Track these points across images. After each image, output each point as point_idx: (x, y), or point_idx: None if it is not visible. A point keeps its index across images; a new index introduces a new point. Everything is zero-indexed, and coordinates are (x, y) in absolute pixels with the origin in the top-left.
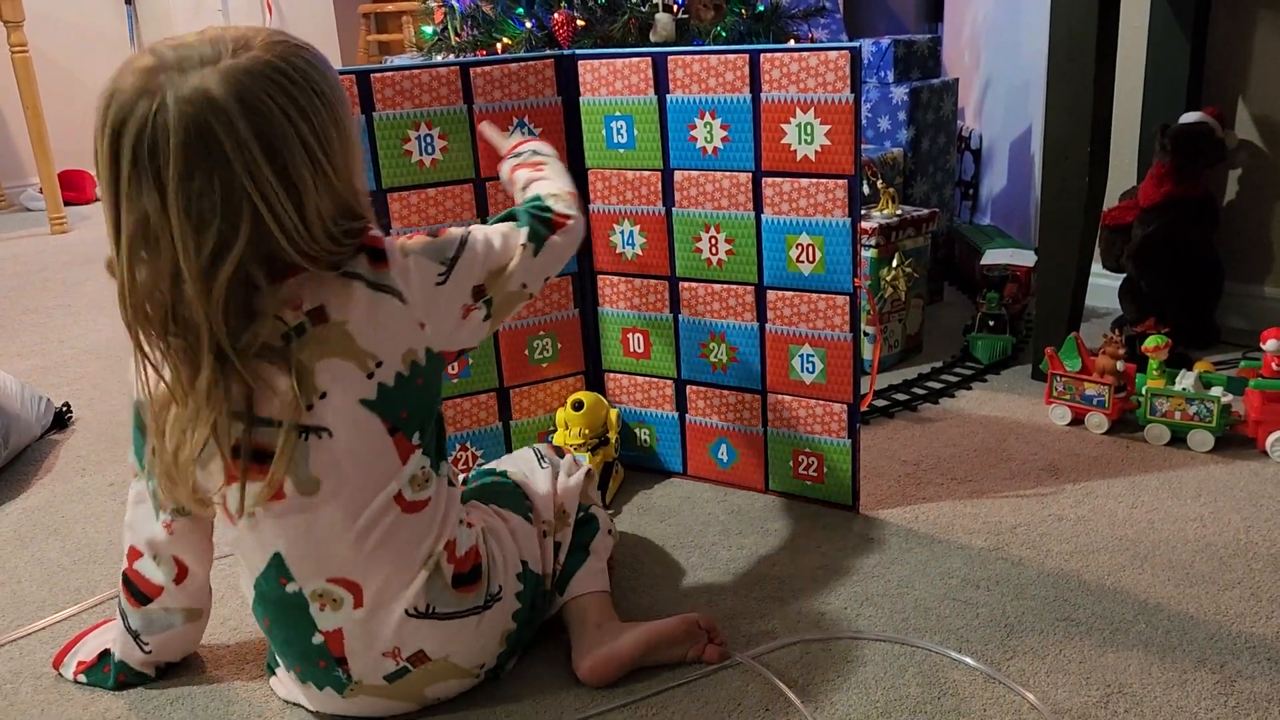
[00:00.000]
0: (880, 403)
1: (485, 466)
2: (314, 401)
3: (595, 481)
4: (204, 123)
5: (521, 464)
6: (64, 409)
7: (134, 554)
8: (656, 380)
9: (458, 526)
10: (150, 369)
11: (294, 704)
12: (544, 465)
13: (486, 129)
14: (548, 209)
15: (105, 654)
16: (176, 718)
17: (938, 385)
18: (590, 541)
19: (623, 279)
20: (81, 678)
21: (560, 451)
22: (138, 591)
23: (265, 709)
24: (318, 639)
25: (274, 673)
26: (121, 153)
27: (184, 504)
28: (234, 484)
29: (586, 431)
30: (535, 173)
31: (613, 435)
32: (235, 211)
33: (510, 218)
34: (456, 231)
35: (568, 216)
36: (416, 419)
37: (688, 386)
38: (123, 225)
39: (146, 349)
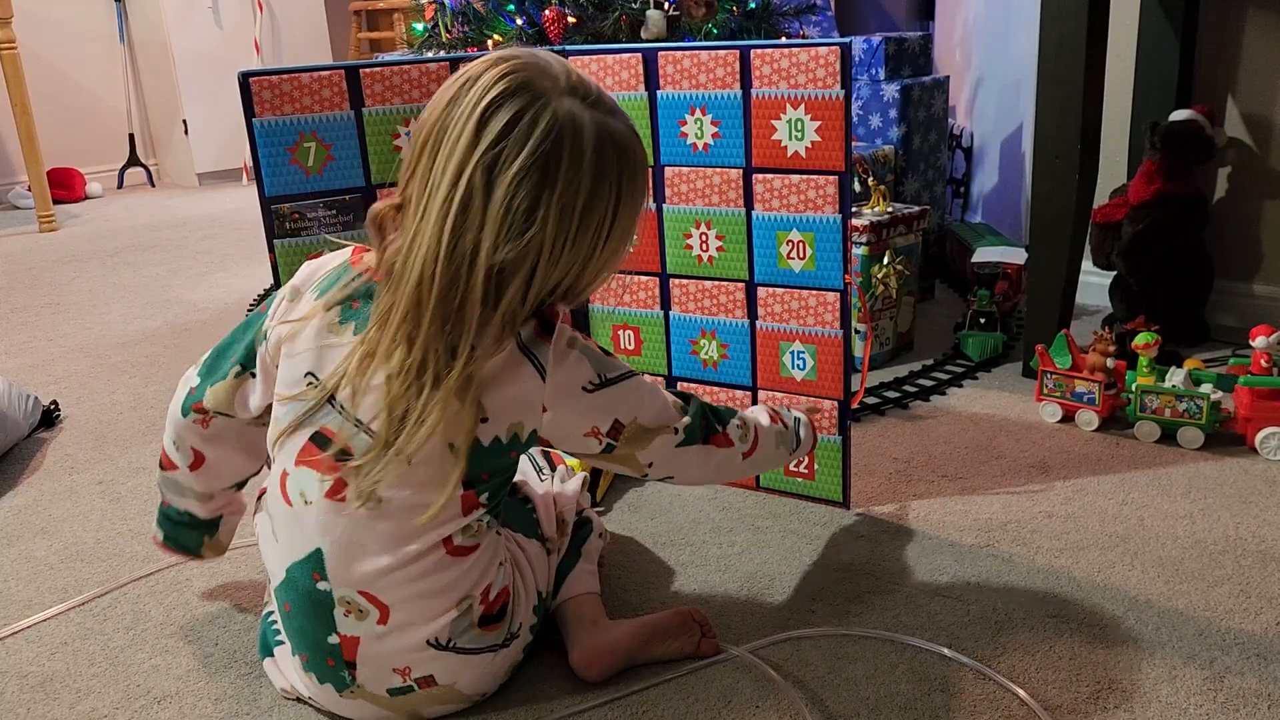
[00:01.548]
0: (871, 400)
1: None
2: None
3: (586, 487)
4: (560, 144)
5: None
6: (52, 407)
7: (167, 428)
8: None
9: (497, 569)
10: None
11: (288, 698)
12: (543, 477)
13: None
14: (723, 423)
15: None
16: (164, 717)
17: (928, 383)
18: (582, 545)
19: (616, 278)
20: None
21: (552, 463)
22: (161, 460)
23: (254, 707)
24: (333, 639)
25: (271, 655)
26: (482, 136)
27: (230, 411)
28: (303, 466)
29: None
30: (766, 414)
31: None
32: (525, 231)
33: (685, 400)
34: (626, 365)
35: (731, 442)
36: (493, 483)
37: (678, 384)
38: (457, 192)
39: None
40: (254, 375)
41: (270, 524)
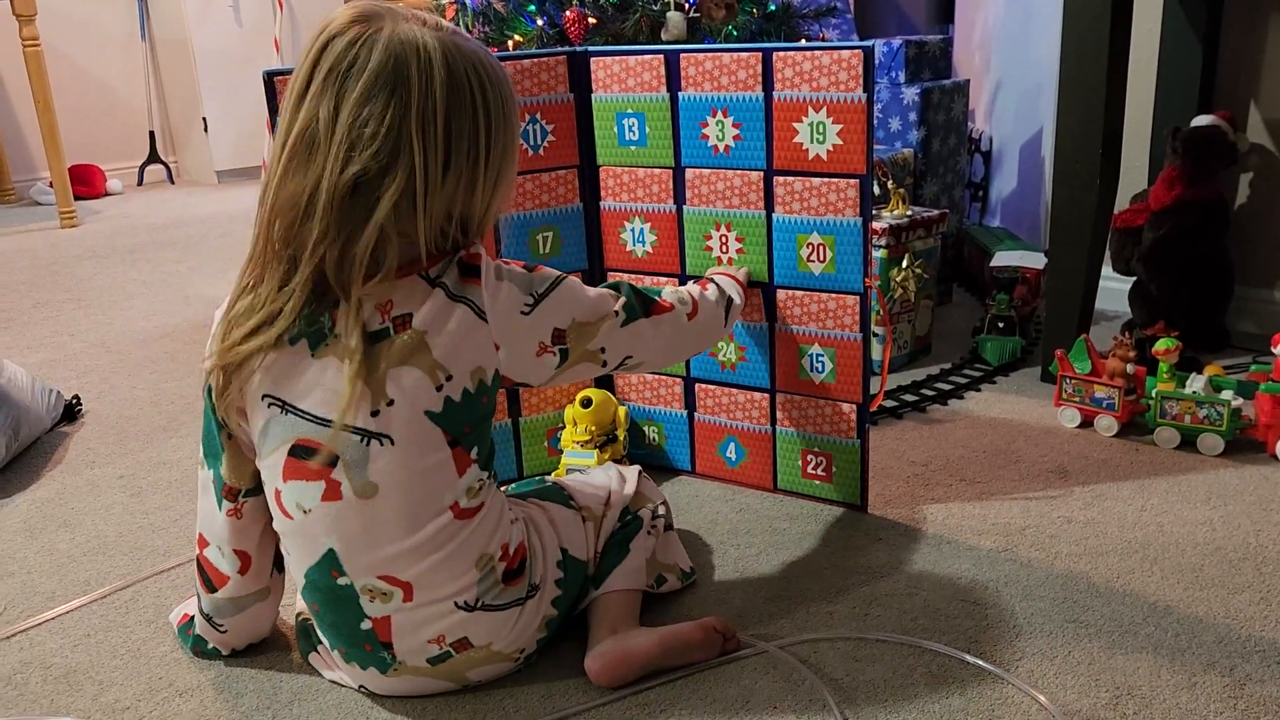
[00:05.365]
0: (889, 403)
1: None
2: (380, 408)
3: (649, 480)
4: (405, 62)
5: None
6: (74, 401)
7: (202, 541)
8: (665, 378)
9: (510, 526)
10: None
11: (333, 682)
12: (608, 472)
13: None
14: (656, 294)
15: (192, 619)
16: (186, 709)
17: (947, 386)
18: (631, 539)
19: (632, 276)
20: (177, 630)
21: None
22: (208, 579)
23: (274, 700)
24: (366, 625)
25: (315, 649)
26: (320, 63)
27: (245, 484)
28: (291, 481)
29: (594, 429)
30: (693, 284)
31: (621, 433)
32: (390, 153)
33: (614, 287)
34: (552, 271)
35: (670, 306)
36: (476, 435)
37: (697, 385)
38: (294, 128)
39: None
40: (230, 435)
41: (280, 540)
